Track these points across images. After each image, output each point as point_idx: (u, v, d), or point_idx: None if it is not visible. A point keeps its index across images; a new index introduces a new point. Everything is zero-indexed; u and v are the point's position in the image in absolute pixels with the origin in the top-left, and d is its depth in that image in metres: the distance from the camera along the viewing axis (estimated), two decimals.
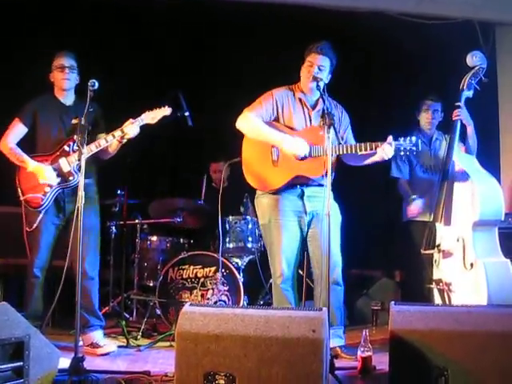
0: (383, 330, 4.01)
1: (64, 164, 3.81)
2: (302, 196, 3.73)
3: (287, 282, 3.70)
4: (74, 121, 3.87)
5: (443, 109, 4.44)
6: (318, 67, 3.66)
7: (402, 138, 3.52)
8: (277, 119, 3.77)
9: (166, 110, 3.83)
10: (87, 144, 3.58)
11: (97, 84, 3.33)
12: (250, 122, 3.70)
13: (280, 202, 3.71)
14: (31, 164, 3.80)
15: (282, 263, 3.68)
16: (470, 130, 4.05)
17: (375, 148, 3.51)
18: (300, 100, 3.79)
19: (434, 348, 2.60)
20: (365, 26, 5.40)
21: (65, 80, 3.88)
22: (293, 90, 3.83)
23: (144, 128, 3.82)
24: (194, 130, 4.36)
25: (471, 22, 5.54)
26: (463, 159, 3.88)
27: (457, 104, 3.91)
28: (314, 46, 3.70)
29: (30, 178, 3.80)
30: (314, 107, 3.80)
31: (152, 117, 3.81)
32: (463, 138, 4.07)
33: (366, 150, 3.54)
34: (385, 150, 3.48)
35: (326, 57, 3.68)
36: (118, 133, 3.76)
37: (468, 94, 3.94)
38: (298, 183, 3.71)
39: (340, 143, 3.61)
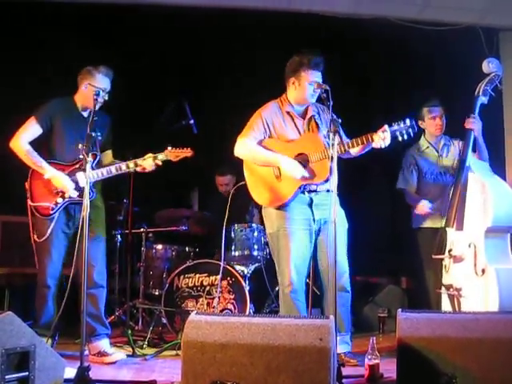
0: (390, 338, 3.99)
1: (81, 178, 3.71)
2: (310, 204, 3.71)
3: (297, 292, 3.64)
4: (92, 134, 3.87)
5: (447, 113, 4.42)
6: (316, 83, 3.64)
7: (397, 123, 3.48)
8: (270, 136, 3.77)
9: (190, 152, 3.85)
10: (98, 167, 3.72)
11: (101, 93, 3.31)
12: (247, 148, 3.74)
13: (289, 211, 3.69)
14: (50, 171, 3.69)
15: (292, 272, 3.63)
16: (480, 140, 4.04)
17: (371, 138, 3.49)
18: (288, 113, 3.79)
19: (441, 355, 2.59)
20: (367, 32, 5.41)
21: (99, 104, 3.69)
22: (279, 103, 3.83)
23: None
24: (199, 140, 4.36)
25: (475, 28, 5.54)
26: (477, 165, 3.89)
27: (473, 116, 3.92)
28: (308, 62, 3.67)
29: (44, 185, 3.72)
30: (304, 116, 3.82)
31: (176, 155, 3.82)
32: (473, 146, 4.03)
33: (362, 143, 3.54)
34: (385, 140, 3.44)
35: (320, 71, 3.69)
36: (132, 165, 3.76)
37: (484, 99, 3.96)
38: (307, 190, 3.71)
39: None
